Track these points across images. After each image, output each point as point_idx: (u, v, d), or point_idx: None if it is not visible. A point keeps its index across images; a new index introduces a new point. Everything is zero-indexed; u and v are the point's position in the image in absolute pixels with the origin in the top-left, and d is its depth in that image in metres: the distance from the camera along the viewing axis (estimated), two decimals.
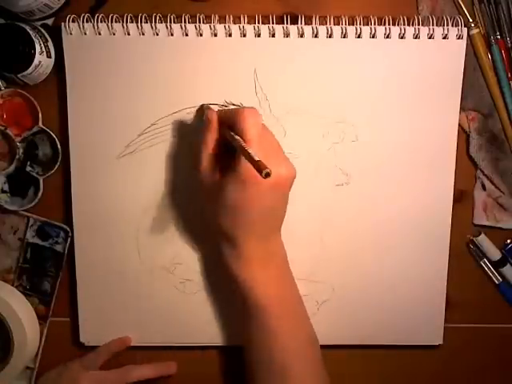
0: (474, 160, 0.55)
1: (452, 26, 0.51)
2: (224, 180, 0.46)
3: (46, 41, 0.51)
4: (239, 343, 0.56)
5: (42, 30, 0.51)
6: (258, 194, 0.46)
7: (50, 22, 0.52)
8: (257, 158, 0.40)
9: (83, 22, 0.50)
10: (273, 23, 0.51)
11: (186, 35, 0.51)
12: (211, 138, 0.48)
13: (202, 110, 0.51)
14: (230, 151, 0.46)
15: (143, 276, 0.55)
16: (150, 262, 0.55)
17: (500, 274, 0.57)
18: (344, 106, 0.52)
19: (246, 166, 0.44)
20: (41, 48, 0.50)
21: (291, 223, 0.52)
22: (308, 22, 0.51)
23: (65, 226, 0.55)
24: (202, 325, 0.56)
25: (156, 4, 0.52)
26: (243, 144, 0.44)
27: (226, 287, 0.53)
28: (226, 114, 0.48)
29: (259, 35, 0.51)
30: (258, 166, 0.40)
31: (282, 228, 0.51)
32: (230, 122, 0.47)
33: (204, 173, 0.48)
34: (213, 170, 0.48)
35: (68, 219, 0.55)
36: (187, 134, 0.53)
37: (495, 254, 0.56)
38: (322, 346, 0.54)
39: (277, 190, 0.47)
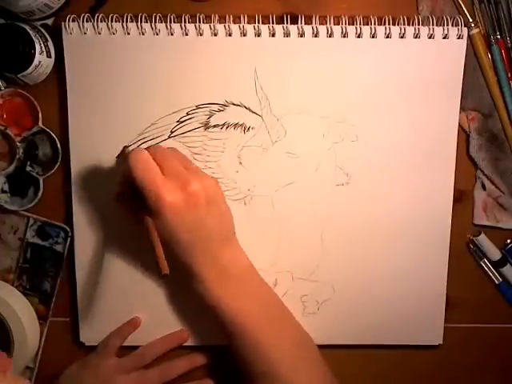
0: (474, 160, 0.55)
1: (452, 25, 0.51)
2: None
3: (46, 41, 0.51)
4: None
5: (42, 30, 0.51)
6: (177, 219, 0.46)
7: (50, 22, 0.52)
8: (160, 253, 0.44)
9: (83, 21, 0.50)
10: (273, 23, 0.51)
11: (186, 35, 0.51)
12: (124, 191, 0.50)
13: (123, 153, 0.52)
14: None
15: (143, 276, 0.55)
16: (149, 261, 0.55)
17: (500, 274, 0.57)
18: (344, 105, 0.52)
19: (153, 202, 0.45)
20: (41, 48, 0.50)
21: (291, 223, 0.52)
22: (308, 21, 0.51)
23: (65, 226, 0.55)
24: (203, 325, 0.56)
25: (156, 4, 0.52)
26: (154, 238, 0.45)
27: None
28: (123, 174, 0.49)
29: (259, 35, 0.51)
30: (158, 264, 0.44)
31: (282, 228, 0.50)
32: (127, 177, 0.47)
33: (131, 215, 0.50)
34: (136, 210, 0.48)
35: (68, 219, 0.55)
36: (188, 134, 0.53)
37: (495, 254, 0.56)
38: (322, 346, 0.54)
39: (196, 207, 0.47)
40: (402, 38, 0.51)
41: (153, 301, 0.56)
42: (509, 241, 0.56)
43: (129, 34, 0.51)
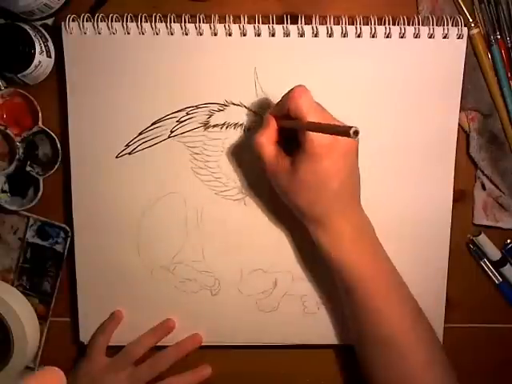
0: (474, 160, 0.55)
1: (452, 25, 0.51)
2: (294, 164, 0.46)
3: (46, 41, 0.51)
4: (240, 342, 0.56)
5: (42, 30, 0.51)
6: (332, 166, 0.45)
7: (50, 22, 0.52)
8: (334, 123, 0.41)
9: (83, 21, 0.50)
10: (273, 23, 0.51)
11: (186, 35, 0.51)
12: (270, 135, 0.48)
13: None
14: (291, 143, 0.46)
15: (143, 276, 0.55)
16: (149, 261, 0.55)
17: (500, 274, 0.57)
18: (344, 105, 0.52)
19: (314, 142, 0.44)
20: (41, 48, 0.50)
21: (291, 223, 0.52)
22: (308, 21, 0.51)
23: (65, 226, 0.55)
24: (203, 324, 0.56)
25: (156, 4, 0.52)
26: (309, 121, 0.44)
27: (226, 286, 0.54)
28: (278, 106, 0.48)
29: (259, 35, 0.51)
30: (343, 129, 0.39)
31: (282, 228, 0.50)
32: (283, 111, 0.47)
33: (271, 166, 0.48)
34: (280, 160, 0.47)
35: (68, 219, 0.55)
36: (188, 134, 0.53)
37: (495, 254, 0.56)
38: (322, 346, 0.54)
39: (348, 157, 0.46)
40: (401, 37, 0.51)
41: (153, 301, 0.56)
42: (509, 241, 0.56)
43: (129, 33, 0.51)
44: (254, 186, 0.54)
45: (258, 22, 0.50)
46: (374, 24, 0.51)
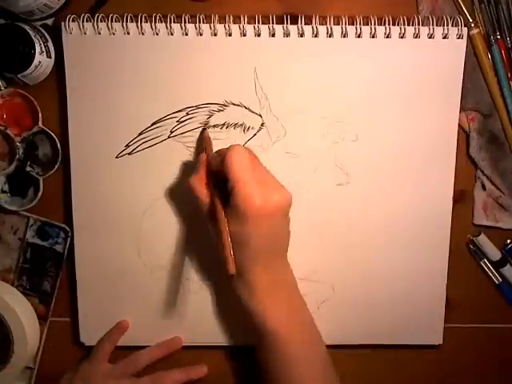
0: (473, 160, 0.55)
1: (452, 25, 0.51)
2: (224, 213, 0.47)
3: (46, 41, 0.51)
4: (240, 343, 0.56)
5: (42, 30, 0.51)
6: (256, 229, 0.46)
7: (50, 22, 0.52)
8: (230, 253, 0.44)
9: (83, 21, 0.50)
10: (273, 23, 0.51)
11: (186, 35, 0.51)
12: (201, 177, 0.49)
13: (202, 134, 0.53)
14: (225, 184, 0.47)
15: (143, 276, 0.55)
16: (149, 261, 0.55)
17: (500, 274, 0.57)
18: (344, 105, 0.52)
19: (241, 206, 0.45)
20: (41, 48, 0.50)
21: (291, 223, 0.52)
22: (308, 21, 0.51)
23: (65, 226, 0.55)
24: (203, 324, 0.56)
25: (156, 4, 0.52)
26: (224, 236, 0.45)
27: (226, 287, 0.53)
28: (214, 158, 0.49)
29: (259, 35, 0.51)
30: (226, 264, 0.43)
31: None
32: (218, 166, 0.47)
33: (204, 207, 0.49)
34: (212, 203, 0.48)
35: (68, 219, 0.55)
36: (188, 134, 0.53)
37: (495, 254, 0.56)
38: None
39: (275, 218, 0.47)
40: (401, 37, 0.51)
41: (153, 301, 0.56)
42: (509, 241, 0.56)
43: (129, 33, 0.51)
44: None
45: (258, 22, 0.50)
46: (374, 24, 0.51)
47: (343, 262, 0.55)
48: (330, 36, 0.51)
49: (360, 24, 0.51)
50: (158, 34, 0.51)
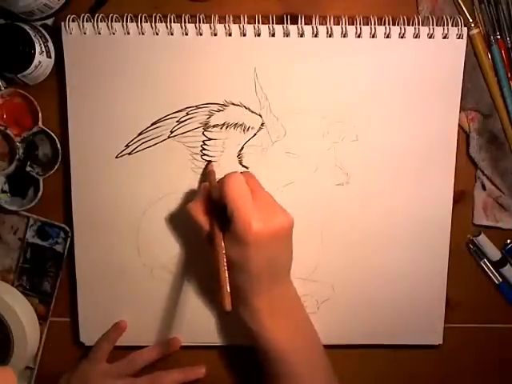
0: (473, 160, 0.55)
1: (452, 25, 0.51)
2: (224, 238, 0.47)
3: (46, 41, 0.51)
4: (240, 343, 0.56)
5: (42, 30, 0.51)
6: (257, 249, 0.46)
7: (50, 22, 0.52)
8: (226, 289, 0.43)
9: (83, 21, 0.50)
10: (273, 23, 0.51)
11: (186, 35, 0.51)
12: (202, 204, 0.49)
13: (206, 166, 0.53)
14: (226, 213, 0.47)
15: (143, 276, 0.55)
16: (149, 261, 0.55)
17: (500, 274, 0.57)
18: (344, 105, 0.52)
19: (240, 226, 0.45)
20: (41, 48, 0.50)
21: None
22: (308, 21, 0.51)
23: (65, 226, 0.55)
24: (203, 325, 0.56)
25: (156, 4, 0.52)
26: (221, 264, 0.45)
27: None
28: (215, 188, 0.49)
29: (259, 35, 0.51)
30: (222, 300, 0.43)
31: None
32: (218, 195, 0.48)
33: (204, 233, 0.49)
34: (212, 230, 0.48)
35: (68, 219, 0.55)
36: (188, 134, 0.53)
37: (495, 254, 0.56)
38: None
39: (276, 241, 0.48)
40: (401, 37, 0.51)
41: (153, 301, 0.56)
42: (509, 241, 0.56)
43: (129, 33, 0.51)
44: None
45: (258, 22, 0.50)
46: (374, 24, 0.51)
47: (343, 262, 0.55)
48: (329, 36, 0.51)
49: (360, 24, 0.51)
50: (157, 34, 0.51)
